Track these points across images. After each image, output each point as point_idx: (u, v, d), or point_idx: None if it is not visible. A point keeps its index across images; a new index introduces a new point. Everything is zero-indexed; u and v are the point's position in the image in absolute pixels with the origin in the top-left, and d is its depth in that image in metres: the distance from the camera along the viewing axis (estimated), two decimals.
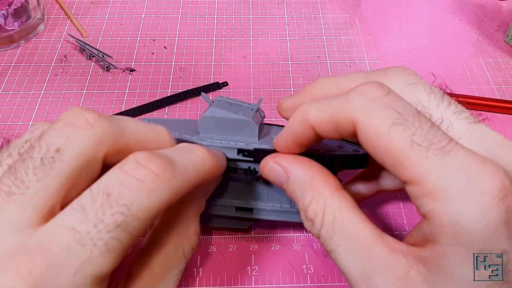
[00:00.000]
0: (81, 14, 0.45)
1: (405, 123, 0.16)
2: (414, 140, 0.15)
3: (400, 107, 0.16)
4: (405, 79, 0.19)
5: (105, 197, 0.15)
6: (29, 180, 0.16)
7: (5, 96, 0.38)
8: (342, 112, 0.17)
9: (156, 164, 0.16)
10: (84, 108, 0.17)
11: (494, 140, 0.17)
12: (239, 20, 0.45)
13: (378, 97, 0.16)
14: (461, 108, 0.18)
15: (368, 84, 0.17)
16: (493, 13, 0.46)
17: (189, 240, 0.21)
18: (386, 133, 0.16)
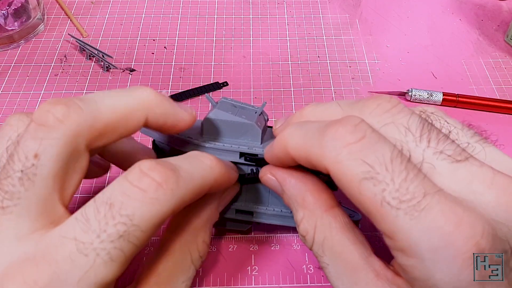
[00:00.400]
0: (81, 14, 0.45)
1: (376, 177, 0.15)
2: (385, 197, 0.15)
3: (372, 158, 0.15)
4: (380, 118, 0.17)
5: (108, 207, 0.16)
6: (19, 191, 0.16)
7: (5, 96, 0.38)
8: (315, 155, 0.17)
9: (159, 173, 0.16)
10: (52, 103, 0.17)
11: (482, 180, 0.15)
12: (239, 20, 0.45)
13: (351, 144, 0.15)
14: (443, 145, 0.16)
15: (342, 125, 0.16)
16: (493, 13, 0.46)
17: (197, 248, 0.21)
18: (356, 187, 0.15)
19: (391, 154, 0.15)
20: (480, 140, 0.17)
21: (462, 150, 0.16)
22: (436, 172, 0.16)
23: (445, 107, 0.37)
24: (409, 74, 0.40)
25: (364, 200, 0.15)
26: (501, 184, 0.15)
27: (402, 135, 0.16)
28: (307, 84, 0.39)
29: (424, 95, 0.37)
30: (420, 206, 0.14)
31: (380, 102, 0.17)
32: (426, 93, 0.37)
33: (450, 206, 0.14)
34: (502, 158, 0.17)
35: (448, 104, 0.37)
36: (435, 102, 0.37)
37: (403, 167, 0.15)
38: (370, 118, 0.17)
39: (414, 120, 0.17)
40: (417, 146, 0.16)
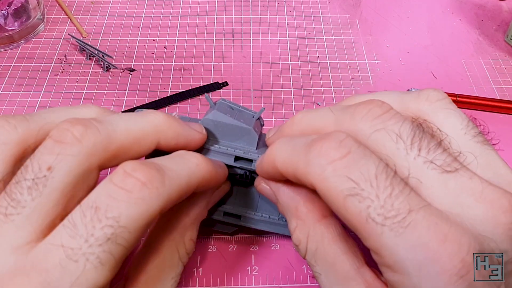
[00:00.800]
0: (81, 14, 0.45)
1: (360, 194, 0.15)
2: (370, 213, 0.15)
3: (357, 174, 0.15)
4: (371, 123, 0.17)
5: (94, 211, 0.16)
6: (25, 200, 0.16)
7: (5, 96, 0.38)
8: (301, 171, 0.17)
9: (143, 172, 0.16)
10: (71, 122, 0.17)
11: (471, 193, 0.15)
12: (239, 20, 0.45)
13: (336, 160, 0.15)
14: (433, 153, 0.16)
15: (327, 141, 0.16)
16: (493, 13, 0.46)
17: (184, 246, 0.21)
18: (341, 204, 0.15)
19: (376, 169, 0.15)
20: (482, 141, 0.17)
21: (453, 160, 0.16)
22: (425, 183, 0.15)
23: None
24: (409, 74, 0.40)
25: (350, 216, 0.15)
26: (490, 197, 0.15)
27: (393, 142, 0.16)
28: (307, 84, 0.39)
29: None
30: (405, 222, 0.14)
31: (372, 107, 0.17)
32: None
33: (436, 222, 0.14)
34: (497, 164, 0.17)
35: None
36: None
37: (388, 182, 0.15)
38: (361, 124, 0.17)
39: (405, 127, 0.16)
40: (407, 154, 0.16)
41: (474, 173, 0.16)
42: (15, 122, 0.18)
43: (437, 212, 0.15)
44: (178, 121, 0.21)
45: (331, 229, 0.19)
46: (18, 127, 0.18)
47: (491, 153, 0.17)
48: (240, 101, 0.37)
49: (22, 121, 0.18)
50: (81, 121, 0.17)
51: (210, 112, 0.24)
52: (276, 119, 0.36)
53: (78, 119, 0.18)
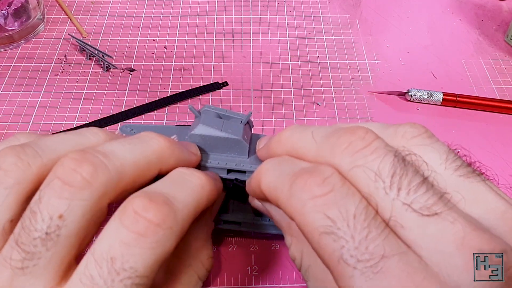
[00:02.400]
0: (81, 14, 0.45)
1: (336, 233, 0.14)
2: (343, 254, 0.14)
3: (335, 212, 0.14)
4: (351, 158, 0.16)
5: (110, 263, 0.15)
6: (39, 251, 0.16)
7: (5, 96, 0.38)
8: (283, 201, 0.16)
9: (155, 212, 0.16)
10: (78, 161, 0.16)
11: (452, 239, 0.14)
12: (239, 20, 0.45)
13: (317, 196, 0.15)
14: (414, 194, 0.15)
15: (311, 177, 0.15)
16: (493, 13, 0.46)
17: (203, 266, 0.21)
18: (316, 241, 0.15)
19: (355, 209, 0.15)
20: (464, 175, 0.16)
21: (435, 202, 0.15)
22: (405, 226, 0.15)
23: (445, 107, 0.37)
24: (409, 74, 0.40)
25: (323, 254, 0.15)
26: (472, 245, 0.14)
27: (372, 181, 0.15)
28: (307, 84, 0.39)
29: (424, 95, 0.37)
30: (377, 267, 0.14)
31: (353, 140, 0.16)
32: (426, 93, 0.37)
33: (409, 271, 0.14)
34: (485, 197, 0.16)
35: (448, 104, 0.37)
36: (435, 102, 0.37)
37: (366, 224, 0.14)
38: (341, 158, 0.16)
39: (386, 164, 0.15)
40: (386, 194, 0.15)
41: (458, 215, 0.14)
42: (28, 159, 0.17)
43: (414, 260, 0.14)
44: (179, 146, 0.20)
45: None
46: (32, 165, 0.17)
47: (478, 186, 0.16)
48: (240, 101, 0.38)
49: (35, 158, 0.17)
50: (88, 158, 0.16)
51: (196, 125, 0.23)
52: (276, 119, 0.36)
53: (85, 155, 0.17)
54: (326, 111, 0.37)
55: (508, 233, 0.15)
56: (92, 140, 0.19)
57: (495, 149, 0.34)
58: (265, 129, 0.36)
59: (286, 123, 0.36)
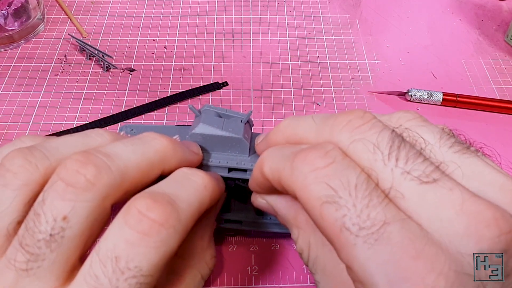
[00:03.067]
0: (81, 14, 0.45)
1: (338, 202, 0.14)
2: (345, 222, 0.14)
3: (337, 182, 0.15)
4: (350, 134, 0.16)
5: (115, 262, 0.15)
6: (44, 253, 0.16)
7: (5, 96, 0.38)
8: (285, 177, 0.17)
9: (159, 212, 0.16)
10: (81, 162, 0.16)
11: (451, 205, 0.14)
12: (239, 20, 0.45)
13: (318, 168, 0.15)
14: (412, 164, 0.15)
15: (312, 151, 0.16)
16: (493, 13, 0.46)
17: (206, 265, 0.21)
18: (318, 211, 0.15)
19: (357, 179, 0.15)
20: (459, 150, 0.16)
21: (433, 170, 0.15)
22: (404, 195, 0.15)
23: (445, 107, 0.37)
24: (409, 74, 0.40)
25: (325, 225, 0.15)
26: (472, 210, 0.14)
27: (371, 153, 0.15)
28: (307, 84, 0.39)
29: (424, 95, 0.37)
30: (378, 234, 0.14)
31: (351, 118, 0.17)
32: (426, 93, 0.37)
33: (410, 237, 0.14)
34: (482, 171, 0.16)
35: (448, 104, 0.37)
36: (435, 102, 0.37)
37: (367, 193, 0.14)
38: (341, 135, 0.16)
39: (384, 137, 0.16)
40: (385, 165, 0.15)
41: (456, 184, 0.15)
42: (36, 161, 0.17)
43: (415, 227, 0.14)
44: (181, 146, 0.21)
45: None
46: (39, 166, 0.17)
47: (474, 160, 0.16)
48: (240, 101, 0.38)
49: (43, 159, 0.17)
50: (91, 160, 0.17)
51: (197, 124, 0.23)
52: (276, 119, 0.36)
53: (89, 157, 0.17)
54: (326, 111, 0.37)
55: (508, 205, 0.15)
56: (98, 141, 0.19)
57: (495, 149, 0.34)
58: (265, 129, 0.36)
59: None
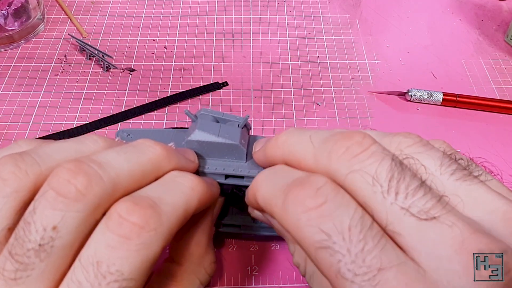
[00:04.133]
0: (81, 14, 0.45)
1: (332, 247, 0.14)
2: (340, 268, 0.14)
3: (330, 226, 0.14)
4: (348, 163, 0.16)
5: (96, 266, 0.15)
6: (33, 262, 0.15)
7: (5, 96, 0.38)
8: (278, 215, 0.17)
9: (139, 215, 0.16)
10: (72, 171, 0.16)
11: (451, 243, 0.14)
12: (239, 20, 0.45)
13: (310, 209, 0.15)
14: (412, 198, 0.14)
15: (304, 189, 0.15)
16: (493, 13, 0.46)
17: (205, 272, 0.21)
18: (313, 256, 0.15)
19: (350, 221, 0.14)
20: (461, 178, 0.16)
21: (433, 205, 0.14)
22: (403, 232, 0.14)
23: (445, 107, 0.37)
24: (409, 74, 0.40)
25: (322, 268, 0.15)
26: (471, 249, 0.14)
27: (369, 186, 0.15)
28: (307, 84, 0.39)
29: (424, 95, 0.37)
30: (374, 280, 0.13)
31: (350, 145, 0.16)
32: (426, 93, 0.37)
33: (407, 283, 0.13)
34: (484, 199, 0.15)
35: (448, 104, 0.37)
36: (435, 102, 0.37)
37: (361, 236, 0.14)
38: (338, 164, 0.16)
39: (383, 168, 0.15)
40: (384, 198, 0.15)
41: (457, 219, 0.14)
42: (26, 167, 0.17)
43: (412, 269, 0.14)
44: (176, 154, 0.20)
45: None
46: (29, 173, 0.17)
47: (476, 187, 0.15)
48: (240, 101, 0.38)
49: (34, 166, 0.17)
50: (82, 169, 0.16)
51: (193, 130, 0.23)
52: (276, 119, 0.36)
53: (80, 166, 0.16)
54: (326, 111, 0.37)
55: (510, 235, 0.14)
56: (92, 148, 0.19)
57: (495, 149, 0.34)
58: (265, 129, 0.36)
59: (286, 123, 0.36)
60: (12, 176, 0.17)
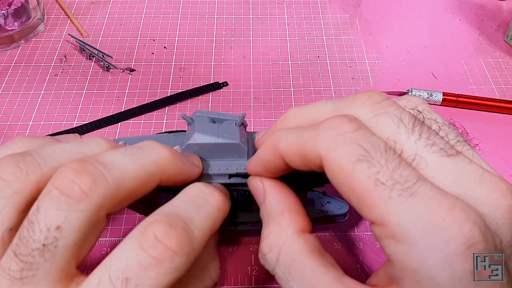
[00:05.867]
0: (81, 14, 0.45)
1: (370, 161, 0.15)
2: (379, 178, 0.15)
3: (367, 143, 0.15)
4: (372, 108, 0.17)
5: (125, 283, 0.15)
6: (38, 262, 0.16)
7: (5, 96, 0.38)
8: (309, 144, 0.17)
9: (175, 239, 0.16)
10: (77, 171, 0.16)
11: (471, 176, 0.15)
12: (239, 20, 0.45)
13: (346, 132, 0.16)
14: (434, 138, 0.16)
15: (337, 118, 0.16)
16: (493, 13, 0.46)
17: (210, 278, 0.21)
18: (350, 170, 0.15)
19: (385, 145, 0.15)
20: (463, 141, 0.17)
21: (452, 146, 0.16)
22: (427, 166, 0.16)
23: (445, 107, 0.37)
24: (409, 74, 0.40)
25: (356, 183, 0.15)
26: (490, 181, 0.15)
27: (395, 126, 0.16)
28: (307, 84, 0.39)
29: (424, 95, 0.37)
30: (413, 188, 0.14)
31: (371, 94, 0.18)
32: (426, 93, 0.37)
33: (442, 193, 0.14)
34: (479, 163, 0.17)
35: (448, 104, 0.37)
36: (435, 102, 0.37)
37: (396, 156, 0.15)
38: (362, 108, 0.17)
39: (406, 113, 0.17)
40: (408, 138, 0.16)
41: (472, 159, 0.16)
42: (27, 169, 0.17)
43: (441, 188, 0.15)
44: (181, 157, 0.20)
45: (310, 243, 0.18)
46: (31, 174, 0.17)
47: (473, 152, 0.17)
48: (240, 101, 0.38)
49: (35, 167, 0.17)
50: (87, 169, 0.16)
51: (192, 134, 0.22)
52: (276, 119, 0.36)
53: (84, 166, 0.16)
54: None
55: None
56: (95, 150, 0.19)
57: (495, 149, 0.34)
58: (265, 129, 0.36)
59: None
60: (13, 177, 0.17)
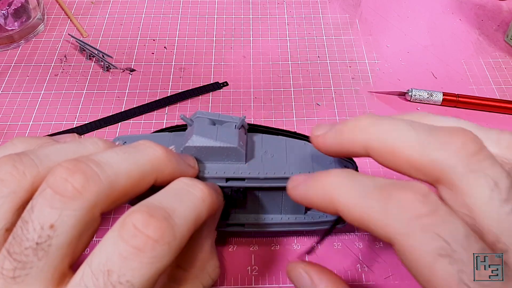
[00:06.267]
0: (81, 14, 0.45)
1: (452, 256, 0.13)
2: (462, 278, 0.13)
3: (448, 233, 0.13)
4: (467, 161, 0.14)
5: (107, 275, 0.15)
6: (31, 261, 0.16)
7: (5, 96, 0.38)
8: (376, 221, 0.15)
9: (155, 228, 0.16)
10: (70, 170, 0.16)
11: None
12: (239, 20, 0.45)
13: (421, 215, 0.14)
14: None
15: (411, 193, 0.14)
16: (493, 13, 0.46)
17: (209, 277, 0.21)
18: (430, 265, 0.14)
19: (465, 230, 0.14)
20: None
21: None
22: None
23: (445, 107, 0.37)
24: (409, 74, 0.40)
25: (437, 280, 0.14)
26: None
27: (489, 191, 0.14)
28: (307, 84, 0.39)
29: (424, 95, 0.37)
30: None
31: (465, 140, 0.15)
32: (426, 93, 0.37)
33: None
34: None
35: (448, 104, 0.37)
36: (435, 102, 0.37)
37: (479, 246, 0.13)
38: (454, 158, 0.15)
39: (502, 174, 0.14)
40: (500, 207, 0.14)
41: None
42: (24, 168, 0.17)
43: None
44: (176, 157, 0.20)
45: None
46: (27, 174, 0.17)
47: None
48: (240, 101, 0.38)
49: (32, 167, 0.17)
50: (80, 168, 0.16)
51: (190, 136, 0.22)
52: (276, 119, 0.36)
53: (78, 165, 0.16)
54: (326, 111, 0.37)
55: None
56: (91, 150, 0.19)
57: None
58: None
59: (286, 123, 0.36)
60: (10, 177, 0.17)
